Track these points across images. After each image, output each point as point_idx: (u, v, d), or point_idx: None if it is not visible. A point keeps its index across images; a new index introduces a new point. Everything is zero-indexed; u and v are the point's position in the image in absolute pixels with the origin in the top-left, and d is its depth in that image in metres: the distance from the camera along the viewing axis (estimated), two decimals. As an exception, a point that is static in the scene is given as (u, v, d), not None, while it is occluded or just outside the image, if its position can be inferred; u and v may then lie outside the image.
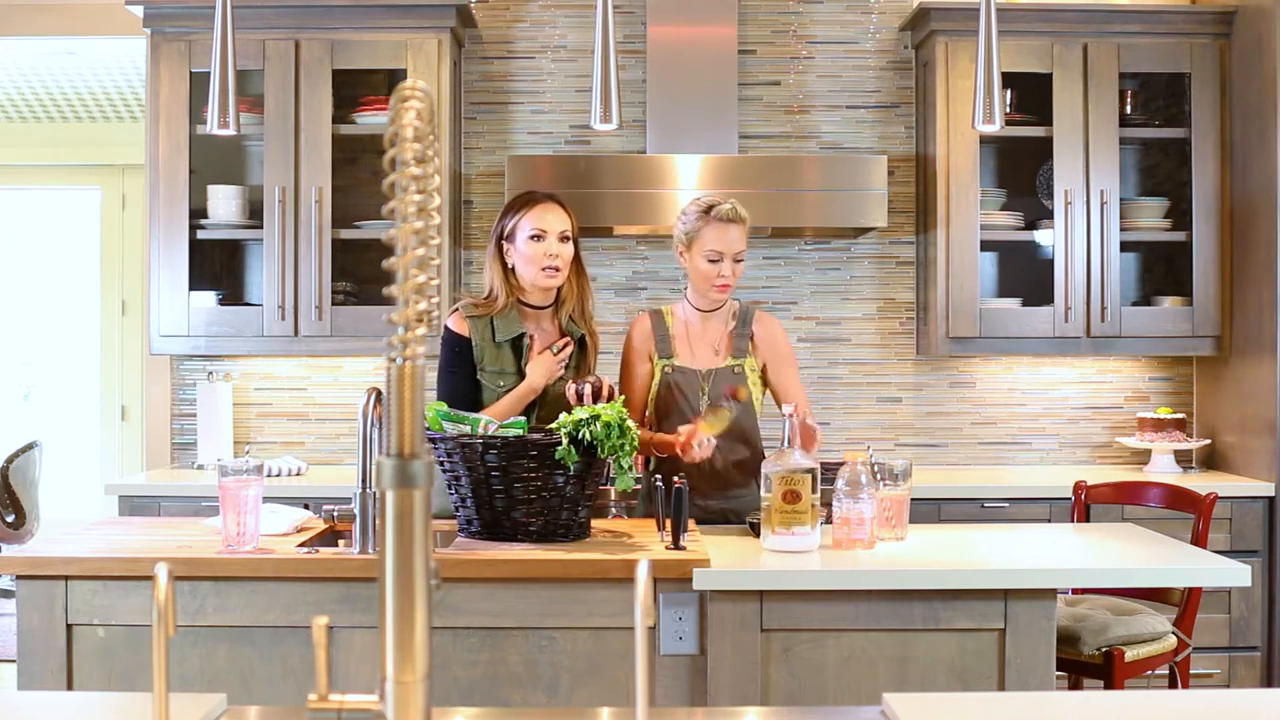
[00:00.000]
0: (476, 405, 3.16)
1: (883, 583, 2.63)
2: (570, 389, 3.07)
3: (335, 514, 2.92)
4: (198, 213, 4.44)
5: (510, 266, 3.22)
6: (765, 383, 3.31)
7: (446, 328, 3.25)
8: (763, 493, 2.80)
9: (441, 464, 2.83)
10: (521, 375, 3.19)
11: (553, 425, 2.81)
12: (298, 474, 4.40)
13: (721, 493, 3.24)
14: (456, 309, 3.26)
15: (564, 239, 3.19)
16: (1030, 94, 4.50)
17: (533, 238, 3.17)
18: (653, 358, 3.29)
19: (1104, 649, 3.07)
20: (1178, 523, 3.70)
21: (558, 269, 3.18)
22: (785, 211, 4.26)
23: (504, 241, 3.22)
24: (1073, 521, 3.59)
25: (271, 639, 2.67)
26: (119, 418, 7.73)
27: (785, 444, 2.79)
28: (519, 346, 3.21)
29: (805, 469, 2.74)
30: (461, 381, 3.20)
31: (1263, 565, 4.17)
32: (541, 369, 3.19)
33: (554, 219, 3.19)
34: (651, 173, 4.25)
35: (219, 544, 2.76)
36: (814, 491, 2.76)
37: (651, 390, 3.28)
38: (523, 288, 3.22)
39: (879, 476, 2.91)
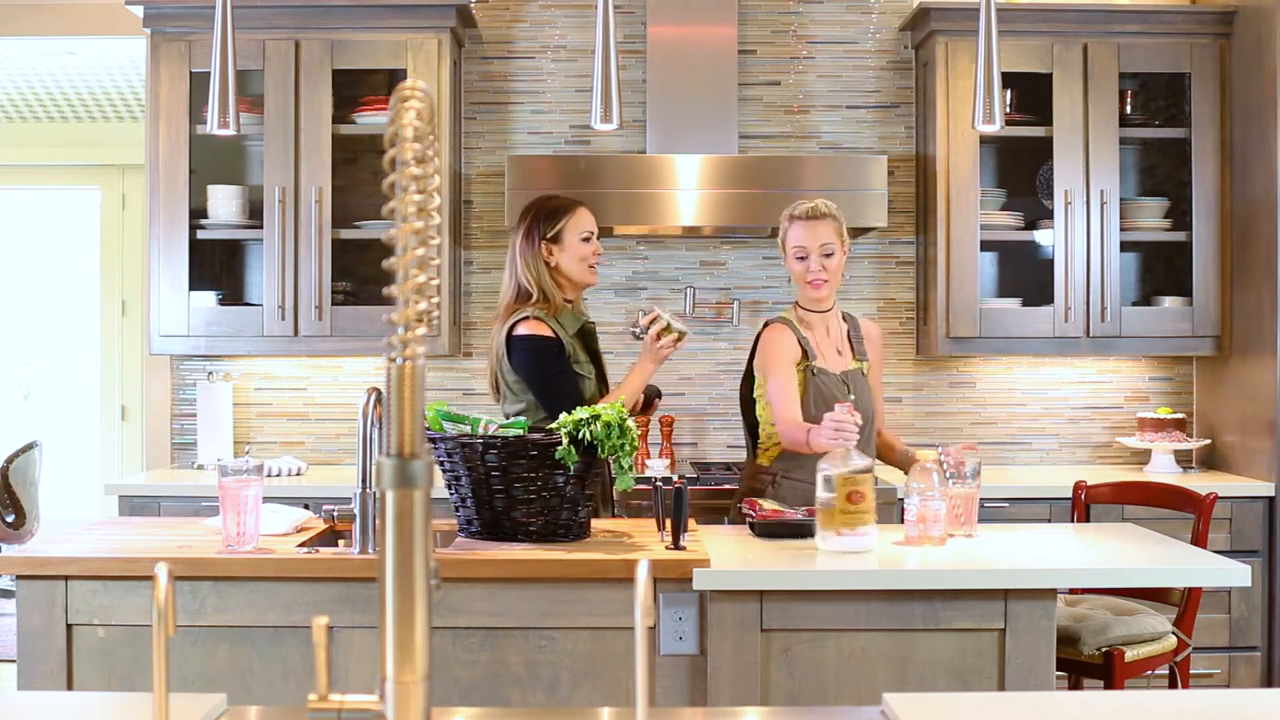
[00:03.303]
0: (585, 398, 3.22)
1: (883, 583, 2.63)
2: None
3: (335, 514, 2.92)
4: (198, 213, 4.44)
5: (553, 266, 3.33)
6: None
7: (534, 336, 3.23)
8: (821, 494, 2.78)
9: (441, 464, 2.83)
10: (595, 361, 3.35)
11: (553, 425, 2.82)
12: (298, 474, 4.40)
13: None
14: (528, 317, 3.24)
15: (599, 237, 3.44)
16: (1030, 94, 4.50)
17: (584, 239, 3.35)
18: (798, 364, 3.30)
19: (1104, 649, 3.07)
20: (1178, 523, 3.70)
21: (596, 264, 3.41)
22: (785, 211, 4.26)
23: (548, 243, 3.32)
24: (1073, 521, 3.59)
25: (271, 639, 2.67)
26: (119, 418, 7.73)
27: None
28: (584, 336, 3.35)
29: (865, 469, 2.76)
30: (574, 378, 3.26)
31: (1263, 565, 4.16)
32: (651, 354, 3.30)
33: (593, 221, 3.42)
34: (651, 173, 4.25)
35: (219, 544, 2.76)
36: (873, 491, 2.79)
37: (799, 391, 3.27)
38: (571, 284, 3.37)
39: (949, 475, 2.98)
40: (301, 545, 2.84)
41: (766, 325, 3.38)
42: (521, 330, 3.24)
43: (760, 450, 3.36)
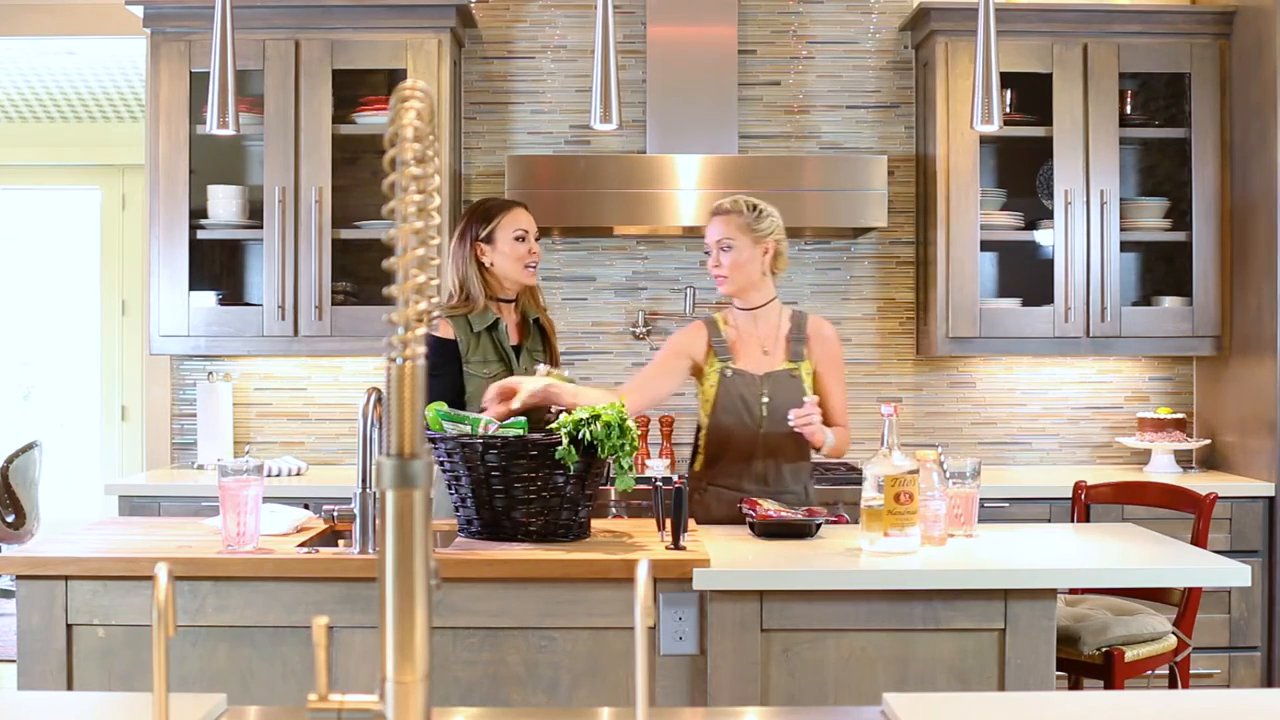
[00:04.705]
0: (462, 403, 3.24)
1: (883, 583, 2.63)
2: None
3: (335, 514, 2.92)
4: (198, 213, 4.44)
5: (488, 265, 3.35)
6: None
7: (431, 336, 3.29)
8: (868, 493, 2.77)
9: (441, 464, 2.83)
10: (502, 359, 3.32)
11: (553, 425, 2.82)
12: (298, 474, 4.40)
13: (773, 496, 3.24)
14: (436, 316, 3.30)
15: (537, 238, 3.42)
16: (1030, 94, 4.50)
17: (517, 239, 3.35)
18: (698, 362, 3.29)
19: (1104, 649, 3.07)
20: (1178, 523, 3.70)
21: (536, 265, 3.40)
22: (785, 211, 4.18)
23: (481, 244, 3.35)
24: (1073, 521, 3.59)
25: (271, 639, 2.67)
26: (119, 418, 7.73)
27: (884, 445, 2.79)
28: (494, 333, 3.33)
29: (912, 470, 2.75)
30: (448, 382, 3.27)
31: (1263, 565, 4.17)
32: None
33: (530, 221, 3.40)
34: (651, 173, 4.25)
35: (219, 544, 2.76)
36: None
37: (711, 394, 3.27)
38: (500, 284, 3.37)
39: (948, 475, 2.97)
40: (301, 545, 2.84)
41: None
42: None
43: (695, 455, 3.35)
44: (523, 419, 2.92)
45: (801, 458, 3.28)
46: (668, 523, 2.75)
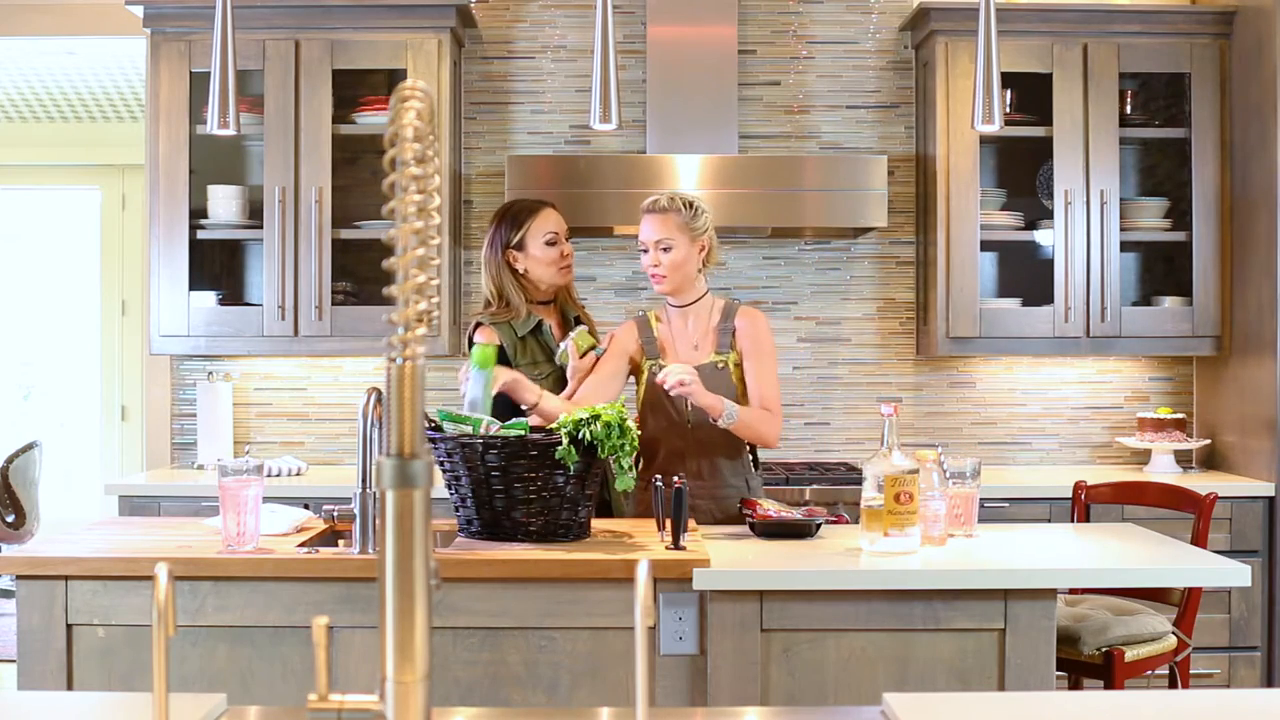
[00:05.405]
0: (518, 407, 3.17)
1: (883, 583, 2.63)
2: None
3: (335, 514, 2.92)
4: (198, 213, 4.44)
5: (522, 271, 3.38)
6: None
7: (477, 343, 3.33)
8: (868, 493, 2.77)
9: (441, 464, 2.83)
10: (551, 359, 3.37)
11: (553, 425, 2.82)
12: (298, 474, 4.40)
13: (710, 493, 3.24)
14: (480, 324, 3.35)
15: (567, 238, 3.43)
16: (1030, 94, 4.50)
17: (548, 243, 3.38)
18: (634, 359, 3.31)
19: (1104, 649, 3.07)
20: (1178, 523, 3.70)
21: (571, 265, 3.44)
22: (785, 211, 4.26)
23: (513, 251, 3.37)
24: (1073, 521, 3.59)
25: (271, 639, 2.67)
26: (119, 418, 7.73)
27: (884, 445, 2.79)
28: (539, 335, 3.38)
29: (912, 470, 2.75)
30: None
31: (1263, 565, 4.16)
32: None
33: (559, 222, 3.43)
34: (651, 173, 4.25)
35: (219, 544, 2.76)
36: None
37: (641, 393, 3.30)
38: (536, 288, 3.41)
39: (948, 475, 2.97)
40: (301, 545, 2.84)
41: None
42: (475, 337, 3.39)
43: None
44: (524, 420, 2.92)
45: (737, 452, 3.27)
46: (668, 523, 2.75)
